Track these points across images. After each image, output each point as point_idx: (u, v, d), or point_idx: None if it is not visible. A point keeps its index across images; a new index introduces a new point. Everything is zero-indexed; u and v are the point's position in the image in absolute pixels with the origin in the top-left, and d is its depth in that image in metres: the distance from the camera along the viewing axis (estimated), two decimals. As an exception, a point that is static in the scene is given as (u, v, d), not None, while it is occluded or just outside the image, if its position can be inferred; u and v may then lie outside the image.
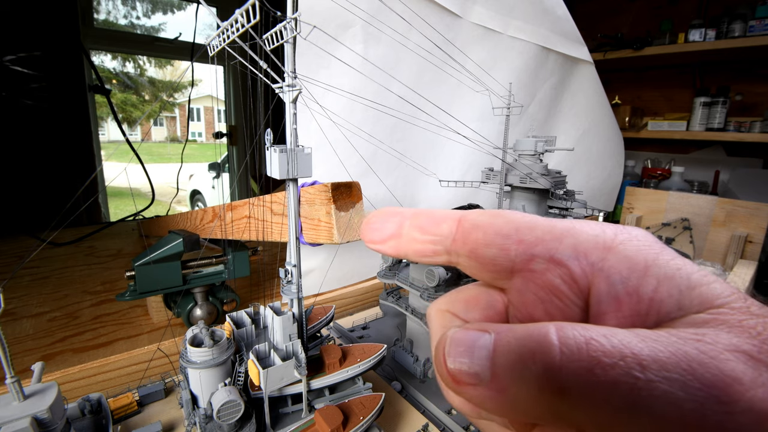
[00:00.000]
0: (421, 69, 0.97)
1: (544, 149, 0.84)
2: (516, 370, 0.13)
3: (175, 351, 0.72)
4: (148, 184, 1.86)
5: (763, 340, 0.13)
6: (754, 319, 0.13)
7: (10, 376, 0.39)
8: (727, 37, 1.79)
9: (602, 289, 0.15)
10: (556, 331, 0.13)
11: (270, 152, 0.42)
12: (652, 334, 0.13)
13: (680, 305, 0.14)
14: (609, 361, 0.12)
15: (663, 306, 0.15)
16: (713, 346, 0.12)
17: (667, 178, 1.95)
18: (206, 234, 0.81)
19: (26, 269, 1.19)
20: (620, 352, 0.12)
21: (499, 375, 0.14)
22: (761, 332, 0.13)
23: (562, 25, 1.32)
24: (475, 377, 0.14)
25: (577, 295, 0.16)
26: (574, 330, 0.13)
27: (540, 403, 0.13)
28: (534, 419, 0.14)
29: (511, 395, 0.13)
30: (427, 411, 0.66)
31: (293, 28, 0.38)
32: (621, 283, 0.15)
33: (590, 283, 0.16)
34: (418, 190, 1.14)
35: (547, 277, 0.16)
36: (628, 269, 0.15)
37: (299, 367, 0.48)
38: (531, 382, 0.13)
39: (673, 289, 0.15)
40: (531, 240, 0.17)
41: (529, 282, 0.17)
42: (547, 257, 0.16)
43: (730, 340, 0.13)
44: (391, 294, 0.81)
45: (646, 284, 0.15)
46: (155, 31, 5.36)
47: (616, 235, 0.16)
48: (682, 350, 0.12)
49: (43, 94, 1.74)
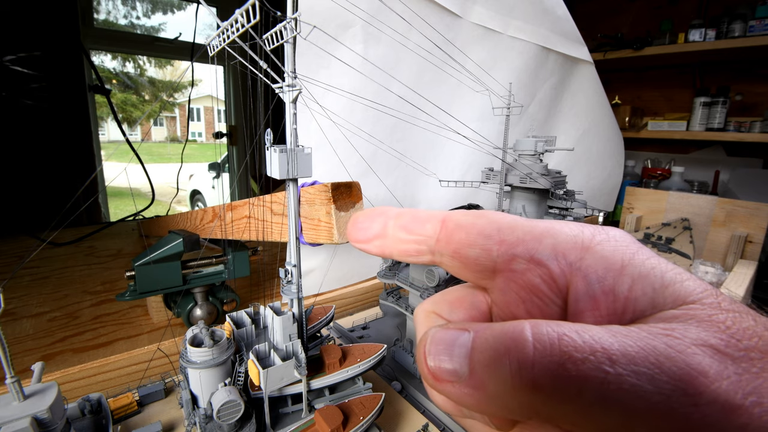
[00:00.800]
0: (421, 69, 0.97)
1: (544, 149, 0.84)
2: (492, 367, 0.14)
3: (175, 351, 0.72)
4: (148, 184, 1.86)
5: (731, 334, 0.13)
6: (724, 314, 0.14)
7: (10, 376, 0.39)
8: (727, 37, 1.79)
9: (580, 288, 0.16)
10: (531, 328, 0.14)
11: (270, 152, 0.42)
12: (623, 330, 0.13)
13: (654, 303, 0.15)
14: (580, 356, 0.12)
15: (638, 304, 0.15)
16: (681, 341, 0.13)
17: (667, 178, 1.95)
18: (206, 234, 0.81)
19: (26, 269, 1.19)
20: (591, 347, 0.13)
21: (477, 372, 0.14)
22: (730, 326, 0.13)
23: (562, 25, 1.32)
24: (453, 374, 0.14)
25: (556, 294, 0.16)
26: (548, 327, 0.13)
27: (516, 399, 0.13)
28: (511, 415, 0.14)
29: (488, 391, 0.14)
30: (427, 411, 0.66)
31: (293, 28, 0.38)
32: (598, 282, 0.16)
33: (568, 282, 0.16)
34: (418, 190, 1.14)
35: (527, 277, 0.17)
36: (604, 269, 0.16)
37: (299, 367, 0.48)
38: (506, 377, 0.13)
39: (647, 287, 0.15)
40: (512, 240, 0.17)
41: (511, 282, 0.17)
42: (528, 257, 0.17)
43: (698, 335, 0.13)
44: (391, 294, 0.81)
45: (622, 283, 0.15)
46: (155, 31, 5.36)
47: (594, 235, 0.17)
48: (651, 345, 0.13)
49: (43, 94, 1.74)
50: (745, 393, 0.12)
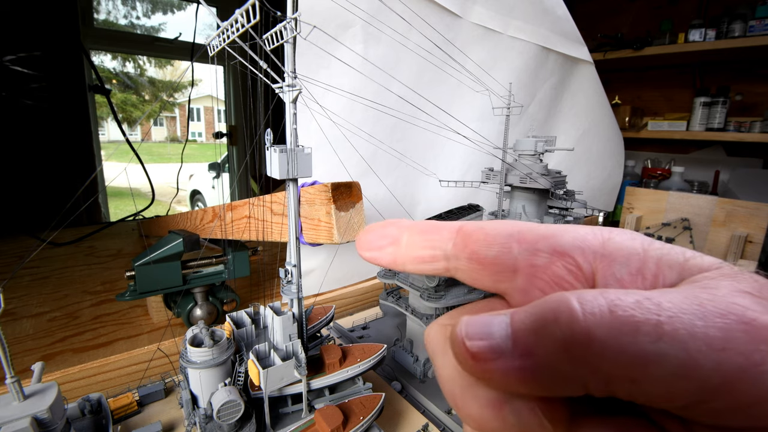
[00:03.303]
0: (421, 69, 0.97)
1: (544, 149, 0.84)
2: (539, 330, 0.13)
3: (175, 351, 0.72)
4: (148, 184, 1.86)
5: (761, 284, 0.14)
6: (747, 274, 0.14)
7: (10, 376, 0.39)
8: (727, 37, 1.79)
9: (607, 273, 0.16)
10: (573, 293, 0.14)
11: (270, 152, 0.42)
12: (662, 290, 0.14)
13: (681, 275, 0.15)
14: (628, 303, 0.13)
15: (666, 280, 0.15)
16: (718, 290, 0.13)
17: (667, 178, 1.94)
18: (206, 234, 0.81)
19: (26, 269, 1.19)
20: (635, 298, 0.13)
21: (522, 339, 0.14)
22: (758, 280, 0.14)
23: (562, 25, 1.32)
24: (496, 350, 0.14)
25: (583, 283, 0.16)
26: (591, 292, 0.14)
27: (568, 358, 0.13)
28: (565, 384, 0.13)
29: (537, 357, 0.13)
30: (427, 411, 0.66)
31: (293, 28, 0.38)
32: (625, 265, 0.16)
33: (594, 270, 0.16)
34: (418, 190, 1.14)
35: (551, 270, 0.17)
36: (628, 253, 0.16)
37: (299, 367, 0.48)
38: (556, 335, 0.13)
39: (672, 262, 0.16)
40: (532, 238, 0.17)
41: (534, 278, 0.17)
42: (550, 250, 0.17)
43: (731, 284, 0.14)
44: (391, 294, 0.81)
45: (648, 263, 0.16)
46: (155, 31, 5.35)
47: (609, 230, 0.17)
48: (693, 293, 0.13)
49: (43, 94, 1.74)
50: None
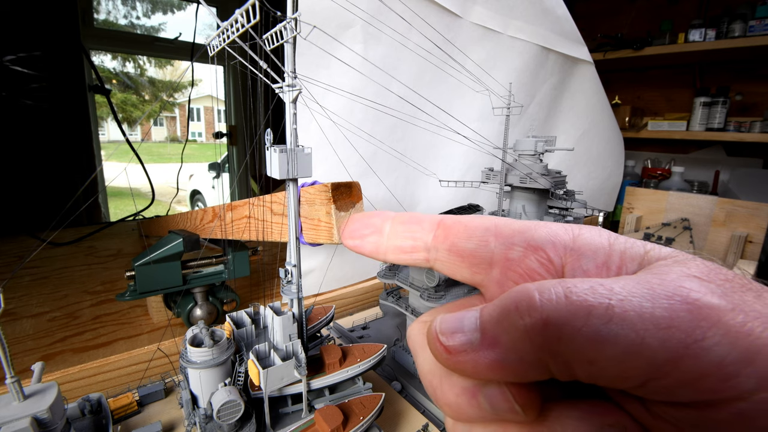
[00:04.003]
0: (421, 69, 0.97)
1: (544, 149, 0.84)
2: (503, 321, 0.15)
3: (175, 351, 0.72)
4: (148, 184, 1.86)
5: (710, 269, 0.15)
6: (700, 261, 0.16)
7: (10, 376, 0.39)
8: (727, 37, 1.79)
9: (575, 266, 0.17)
10: (535, 284, 0.15)
11: (270, 152, 0.42)
12: (616, 277, 0.15)
13: (641, 266, 0.17)
14: (582, 289, 0.14)
15: (628, 270, 0.17)
16: (668, 275, 0.14)
17: (667, 178, 1.95)
18: (206, 234, 0.81)
19: (26, 269, 1.19)
20: (590, 285, 0.14)
21: (488, 331, 0.15)
22: (708, 266, 0.15)
23: (562, 25, 1.32)
24: (467, 343, 0.15)
25: (553, 275, 0.18)
26: (550, 282, 0.15)
27: (530, 344, 0.14)
28: (530, 369, 0.15)
29: (502, 345, 0.15)
30: (427, 411, 0.66)
31: (293, 28, 0.38)
32: (592, 259, 0.17)
33: (564, 263, 0.18)
34: (418, 190, 1.14)
35: (525, 263, 0.18)
36: (595, 248, 0.17)
37: (299, 367, 0.48)
38: (517, 323, 0.14)
39: (634, 255, 0.17)
40: (508, 232, 0.19)
41: (508, 270, 0.18)
42: (524, 244, 0.18)
43: (682, 270, 0.15)
44: (391, 294, 0.81)
45: (614, 255, 0.17)
46: (155, 31, 5.35)
47: (579, 227, 0.19)
48: (645, 279, 0.14)
49: (43, 94, 1.74)
50: (732, 305, 0.13)
